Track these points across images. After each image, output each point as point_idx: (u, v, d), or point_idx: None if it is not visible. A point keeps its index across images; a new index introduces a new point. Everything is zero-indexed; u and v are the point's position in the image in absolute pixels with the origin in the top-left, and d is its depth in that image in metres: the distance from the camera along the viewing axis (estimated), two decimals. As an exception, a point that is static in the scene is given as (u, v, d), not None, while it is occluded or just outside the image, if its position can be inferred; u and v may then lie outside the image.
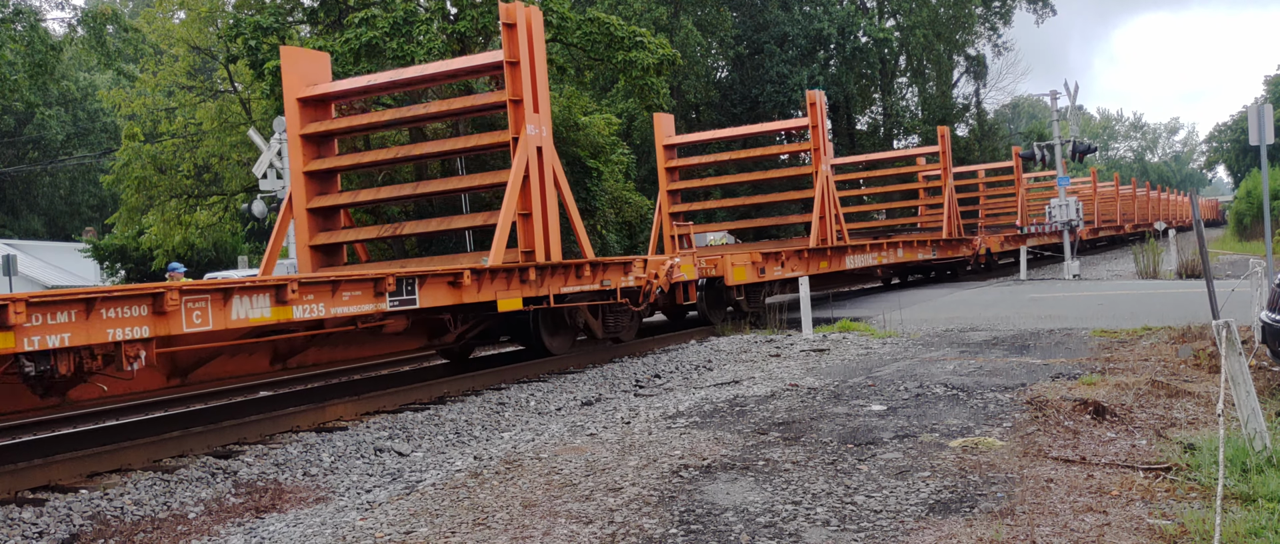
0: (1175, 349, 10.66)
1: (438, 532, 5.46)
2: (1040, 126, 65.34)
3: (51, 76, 33.48)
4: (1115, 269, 30.40)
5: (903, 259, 23.17)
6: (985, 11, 55.80)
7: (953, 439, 6.87)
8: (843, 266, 19.95)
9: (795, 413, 8.17)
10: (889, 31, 49.59)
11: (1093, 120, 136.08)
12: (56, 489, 7.55)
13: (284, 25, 25.58)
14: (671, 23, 39.71)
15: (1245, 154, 79.69)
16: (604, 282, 13.07)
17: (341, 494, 7.22)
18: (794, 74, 43.93)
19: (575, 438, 7.86)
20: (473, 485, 6.45)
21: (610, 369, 13.05)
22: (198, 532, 6.55)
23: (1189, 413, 7.50)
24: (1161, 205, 66.44)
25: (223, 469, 8.08)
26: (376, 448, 8.72)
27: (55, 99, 53.63)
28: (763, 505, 5.54)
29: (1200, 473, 5.65)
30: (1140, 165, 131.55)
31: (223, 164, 31.94)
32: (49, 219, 58.60)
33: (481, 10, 24.08)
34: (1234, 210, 55.38)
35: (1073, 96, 28.82)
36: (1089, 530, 4.85)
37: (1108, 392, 8.23)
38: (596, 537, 5.16)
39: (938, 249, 25.32)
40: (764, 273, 17.05)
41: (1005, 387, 8.90)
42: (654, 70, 24.79)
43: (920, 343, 13.11)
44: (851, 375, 10.22)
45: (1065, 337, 12.87)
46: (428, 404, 10.89)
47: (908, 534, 4.95)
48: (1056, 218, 27.46)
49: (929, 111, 51.80)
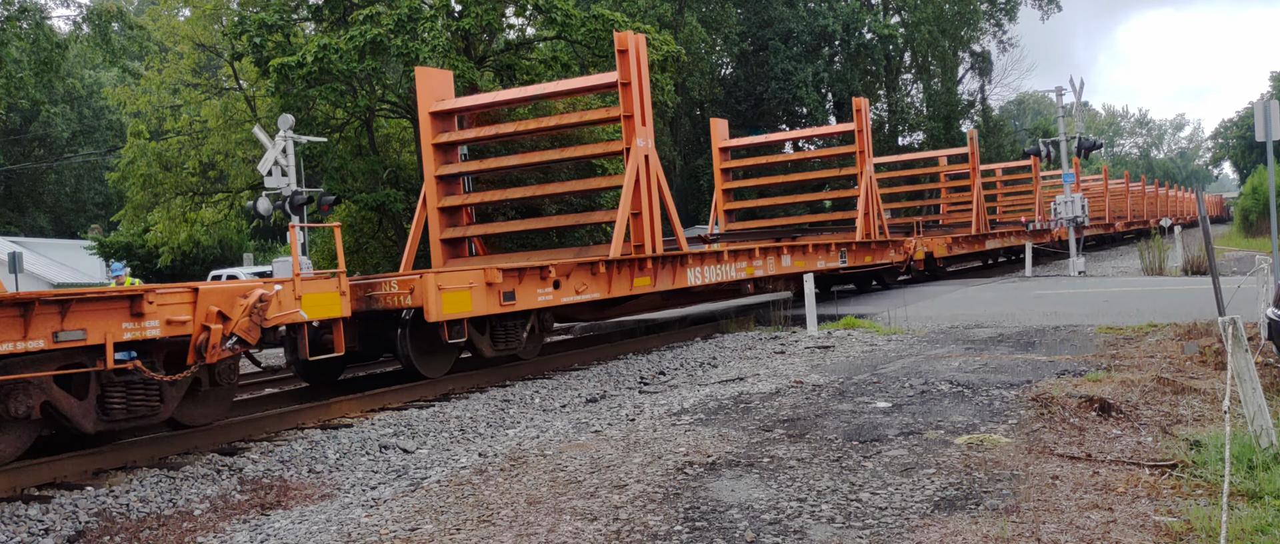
0: (1181, 346, 10.64)
1: (443, 528, 5.46)
2: (1045, 123, 65.24)
3: (57, 74, 33.56)
4: (1120, 266, 30.33)
5: (789, 269, 17.63)
6: (990, 7, 55.71)
7: (958, 436, 6.86)
8: (681, 283, 14.71)
9: (800, 410, 8.16)
10: (894, 28, 49.50)
11: (1098, 117, 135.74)
12: (62, 486, 7.56)
13: (289, 22, 25.60)
14: (676, 19, 39.64)
15: (1251, 150, 79.43)
16: None
17: (347, 491, 7.23)
18: (799, 71, 43.87)
19: (580, 435, 7.86)
20: (478, 482, 6.45)
21: (615, 366, 13.05)
22: (203, 528, 6.56)
23: (1195, 410, 7.48)
24: (1167, 202, 66.33)
25: (228, 466, 8.09)
26: (382, 445, 8.72)
27: (61, 97, 53.69)
28: (768, 502, 5.53)
29: (1206, 470, 5.63)
30: (1146, 162, 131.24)
31: (228, 161, 31.96)
32: (55, 216, 58.71)
33: (486, 8, 24.07)
34: (1239, 207, 55.28)
35: (1078, 93, 28.75)
36: (1095, 527, 4.84)
37: (1113, 388, 8.21)
38: (601, 533, 5.16)
39: (848, 254, 19.76)
40: (514, 299, 11.63)
41: (1010, 383, 8.88)
42: (658, 67, 24.78)
43: (925, 339, 13.10)
44: (856, 372, 10.21)
45: (1070, 333, 12.85)
46: (433, 401, 10.90)
47: (913, 531, 4.95)
48: (1062, 214, 27.37)
49: (934, 108, 51.73)
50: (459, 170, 15.70)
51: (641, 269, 13.81)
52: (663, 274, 14.33)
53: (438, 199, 15.45)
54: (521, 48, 30.39)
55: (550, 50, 29.54)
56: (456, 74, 26.25)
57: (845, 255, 19.59)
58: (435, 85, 15.86)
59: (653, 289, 14.03)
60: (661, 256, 14.21)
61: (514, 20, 29.92)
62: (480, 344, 11.80)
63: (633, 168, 13.96)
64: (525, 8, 27.02)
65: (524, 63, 29.47)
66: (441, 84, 16.03)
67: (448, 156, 15.75)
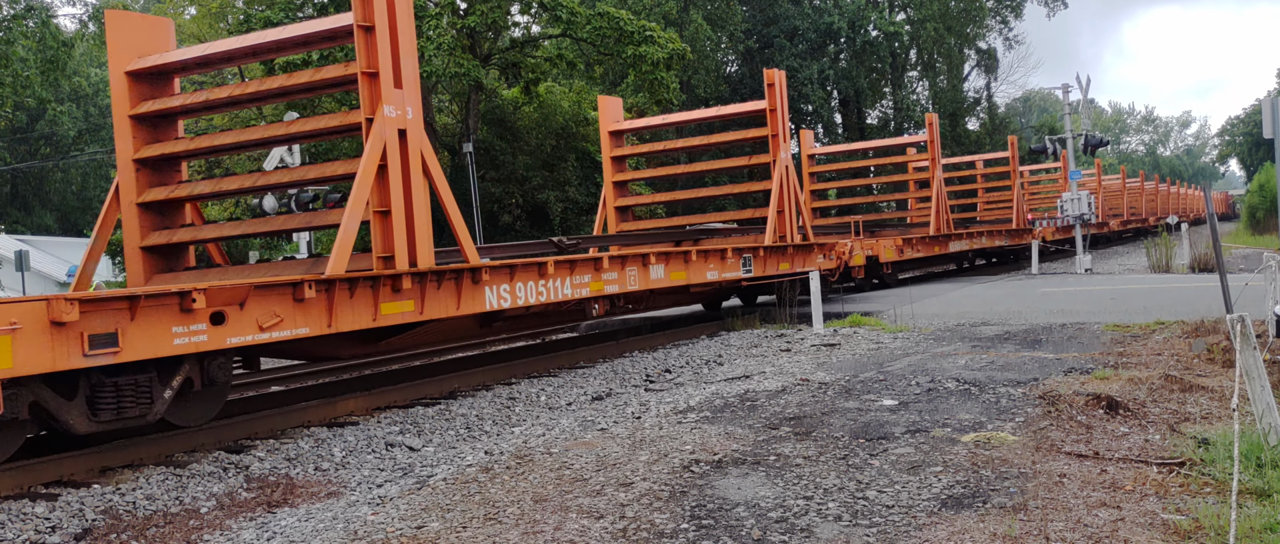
0: (1188, 344, 10.61)
1: (449, 526, 5.46)
2: (1051, 120, 65.16)
3: (63, 72, 33.64)
4: (1127, 263, 30.26)
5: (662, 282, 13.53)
6: (996, 4, 55.64)
7: (965, 434, 6.84)
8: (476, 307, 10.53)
9: (806, 408, 8.15)
10: (899, 25, 49.46)
11: (1104, 114, 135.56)
12: (69, 484, 7.57)
13: (294, 20, 25.65)
14: (681, 17, 39.66)
15: (1258, 147, 79.21)
16: None
17: (353, 489, 7.23)
18: (804, 68, 43.85)
19: (586, 433, 7.85)
20: (484, 480, 6.45)
21: (620, 364, 13.05)
22: (210, 526, 6.56)
23: (1203, 408, 7.46)
24: (1173, 199, 66.18)
25: (234, 464, 8.11)
26: (388, 443, 8.73)
27: (67, 95, 53.86)
28: (774, 500, 5.52)
29: (1214, 468, 5.61)
30: (1152, 159, 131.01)
31: (233, 159, 32.04)
32: (61, 215, 58.90)
33: (491, 5, 24.08)
34: (1247, 204, 55.17)
35: (1084, 90, 28.68)
36: (1102, 526, 4.82)
37: (1121, 386, 8.19)
38: (608, 531, 5.16)
39: (755, 261, 15.89)
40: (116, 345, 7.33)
41: (1017, 381, 8.86)
42: (664, 65, 24.78)
43: (931, 337, 13.08)
44: (862, 370, 10.20)
45: (1077, 331, 12.82)
46: (439, 399, 10.91)
47: (920, 529, 4.93)
48: (1068, 211, 27.33)
49: (940, 105, 51.68)
50: (171, 151, 10.58)
51: (396, 290, 9.51)
52: (437, 296, 9.99)
53: (137, 193, 10.58)
54: (527, 45, 30.44)
55: (556, 48, 29.55)
56: (462, 72, 26.38)
57: (749, 262, 15.68)
58: (140, 38, 10.80)
59: (420, 317, 9.80)
60: (430, 272, 9.85)
61: (519, 18, 29.96)
62: (65, 415, 7.49)
63: (376, 146, 9.45)
64: (531, 5, 27.02)
65: (529, 61, 29.52)
66: (153, 35, 10.97)
67: (158, 133, 10.82)
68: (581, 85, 30.58)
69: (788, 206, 17.31)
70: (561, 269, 11.77)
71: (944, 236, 25.20)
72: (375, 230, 9.62)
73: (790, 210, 17.37)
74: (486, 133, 33.24)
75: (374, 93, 9.66)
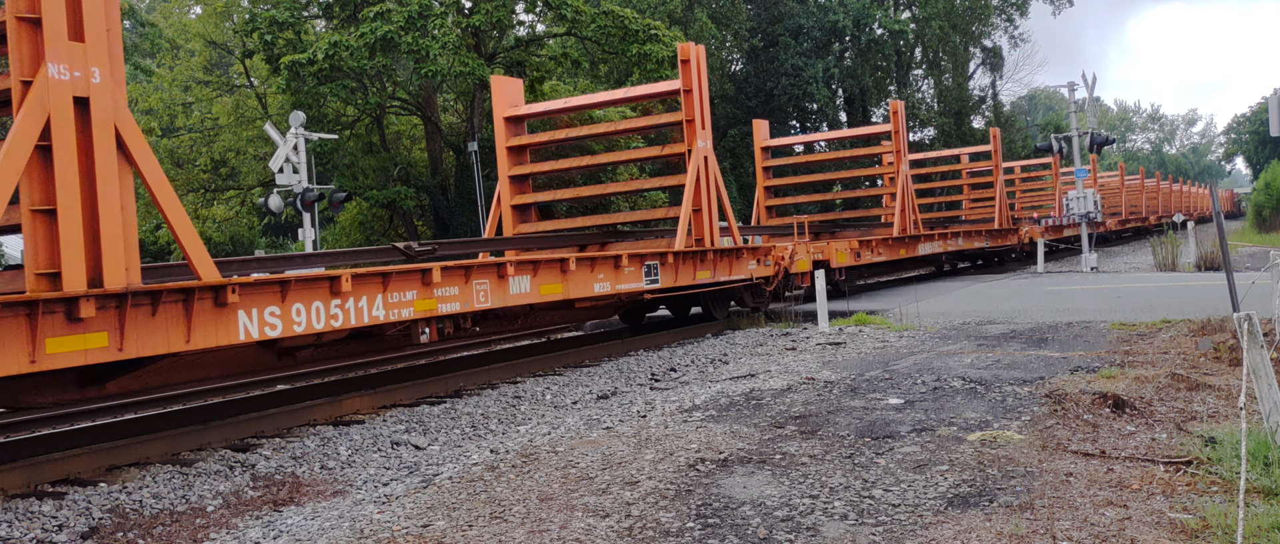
0: (1195, 342, 10.59)
1: (454, 525, 5.47)
2: (1057, 119, 65.02)
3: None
4: (1133, 261, 30.20)
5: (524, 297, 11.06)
6: (1001, 2, 55.54)
7: (971, 433, 6.83)
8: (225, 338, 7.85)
9: (812, 406, 8.14)
10: (904, 23, 49.38)
11: (1109, 112, 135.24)
12: (76, 482, 7.60)
13: (299, 20, 25.69)
14: (686, 16, 39.64)
15: (1264, 145, 79.05)
16: None
17: (359, 487, 7.24)
18: (809, 67, 43.79)
19: (591, 431, 7.86)
20: (489, 479, 6.45)
21: (625, 362, 13.05)
22: (216, 524, 6.58)
23: (1209, 406, 7.44)
24: (1179, 197, 66.02)
25: (240, 462, 8.12)
26: (393, 441, 8.74)
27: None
28: (780, 499, 5.52)
29: (1221, 467, 5.60)
30: (1158, 157, 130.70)
31: (239, 158, 32.13)
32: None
33: (496, 4, 24.08)
34: (1253, 202, 55.03)
35: (1090, 88, 28.61)
36: (1109, 525, 4.81)
37: (1127, 385, 8.17)
38: (613, 530, 5.16)
39: (663, 269, 13.59)
40: None
41: (1023, 380, 8.85)
42: (668, 63, 24.74)
43: (937, 336, 13.06)
44: (868, 369, 10.19)
45: (1083, 329, 12.79)
46: (444, 398, 10.92)
47: (926, 528, 4.93)
48: (1074, 210, 27.26)
49: (945, 104, 51.60)
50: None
51: (73, 319, 6.81)
52: (150, 326, 7.33)
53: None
54: (531, 44, 30.43)
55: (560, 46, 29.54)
56: (466, 71, 26.42)
57: (654, 271, 13.40)
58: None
59: (120, 354, 7.11)
60: (132, 294, 7.16)
61: (524, 17, 29.96)
62: None
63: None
64: (535, 4, 27.03)
65: (534, 59, 29.52)
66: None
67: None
68: (586, 84, 30.57)
69: (707, 204, 14.77)
70: (365, 285, 9.09)
71: (911, 238, 22.72)
72: (31, 238, 6.93)
73: (711, 208, 14.87)
74: (491, 132, 33.22)
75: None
